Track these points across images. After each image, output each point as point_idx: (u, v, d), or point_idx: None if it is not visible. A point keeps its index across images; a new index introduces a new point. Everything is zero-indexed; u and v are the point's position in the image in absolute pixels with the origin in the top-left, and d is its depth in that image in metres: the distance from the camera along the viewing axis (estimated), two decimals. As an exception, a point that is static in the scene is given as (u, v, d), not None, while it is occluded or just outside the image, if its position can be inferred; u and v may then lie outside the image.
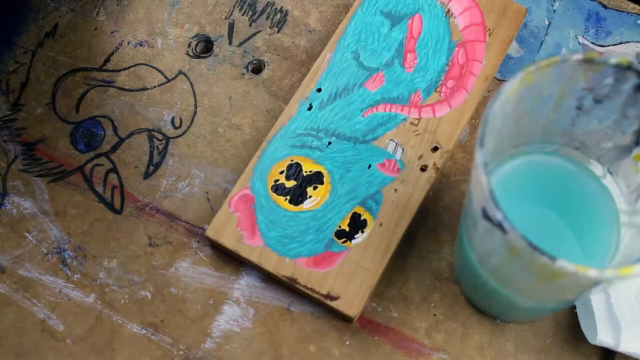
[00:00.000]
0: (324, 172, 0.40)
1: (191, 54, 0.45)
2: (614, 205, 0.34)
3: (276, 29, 0.46)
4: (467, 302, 0.39)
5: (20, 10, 0.46)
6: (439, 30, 0.43)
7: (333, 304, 0.38)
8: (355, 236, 0.39)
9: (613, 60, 0.29)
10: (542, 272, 0.27)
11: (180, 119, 0.44)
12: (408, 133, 0.41)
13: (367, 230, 0.39)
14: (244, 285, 0.40)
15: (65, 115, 0.44)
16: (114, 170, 0.43)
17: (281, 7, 0.46)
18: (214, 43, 0.46)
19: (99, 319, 0.40)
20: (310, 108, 0.42)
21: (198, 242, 0.41)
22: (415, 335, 0.39)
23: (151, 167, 0.43)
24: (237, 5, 0.46)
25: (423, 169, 0.40)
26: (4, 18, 0.46)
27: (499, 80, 0.44)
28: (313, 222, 0.39)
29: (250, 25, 0.46)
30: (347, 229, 0.39)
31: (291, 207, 0.40)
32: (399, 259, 0.40)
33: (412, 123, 0.41)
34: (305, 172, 0.40)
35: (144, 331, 0.39)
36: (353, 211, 0.39)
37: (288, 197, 0.40)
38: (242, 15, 0.46)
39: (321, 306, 0.39)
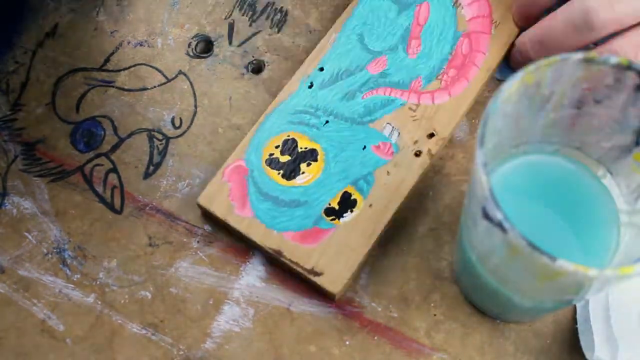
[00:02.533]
0: (319, 149, 0.41)
1: (191, 54, 0.45)
2: (614, 205, 0.34)
3: (276, 29, 0.46)
4: (467, 302, 0.39)
5: (20, 10, 0.46)
6: (446, 20, 0.43)
7: (316, 279, 0.38)
8: (344, 215, 0.39)
9: (613, 60, 0.29)
10: (542, 271, 0.27)
11: (180, 119, 0.44)
12: (405, 118, 0.41)
13: (356, 210, 0.39)
14: (244, 285, 0.40)
15: (65, 115, 0.44)
16: (114, 170, 0.43)
17: (281, 7, 0.46)
18: (214, 43, 0.46)
19: (99, 319, 0.40)
20: (311, 86, 0.42)
21: (198, 242, 0.41)
22: (415, 335, 0.39)
23: (151, 167, 0.43)
24: (237, 5, 0.46)
25: (417, 154, 0.41)
26: (4, 18, 0.46)
27: (499, 80, 0.44)
28: (303, 198, 0.40)
29: (250, 25, 0.46)
30: (337, 207, 0.39)
31: (283, 182, 0.40)
32: (399, 259, 0.40)
33: (410, 108, 0.42)
34: (301, 148, 0.41)
35: (144, 331, 0.39)
36: (344, 190, 0.40)
37: (281, 172, 0.40)
38: (242, 15, 0.46)
39: (305, 282, 0.39)
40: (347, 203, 0.40)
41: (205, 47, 0.46)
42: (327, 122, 0.41)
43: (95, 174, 0.43)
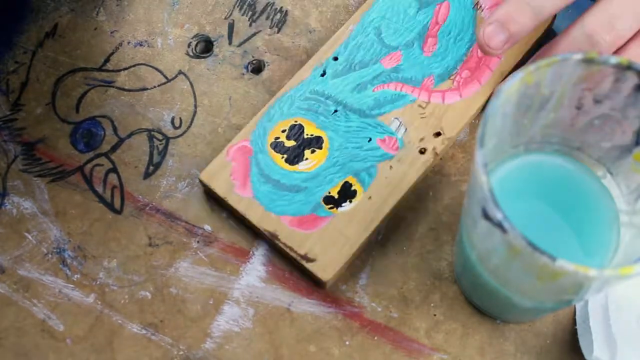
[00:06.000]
0: (325, 137, 0.41)
1: (191, 54, 0.45)
2: (614, 205, 0.34)
3: (276, 29, 0.46)
4: (467, 302, 0.39)
5: (20, 10, 0.46)
6: (465, 21, 0.44)
7: (308, 265, 0.38)
8: (343, 204, 0.40)
9: (613, 60, 0.29)
10: (542, 271, 0.27)
11: (180, 119, 0.44)
12: (414, 114, 0.42)
13: (355, 201, 0.40)
14: (244, 285, 0.40)
15: (65, 115, 0.44)
16: (114, 170, 0.43)
17: (281, 7, 0.46)
18: (214, 43, 0.46)
19: (99, 319, 0.40)
20: (323, 74, 0.43)
21: (198, 242, 0.41)
22: (415, 335, 0.39)
23: (151, 167, 0.43)
24: (237, 5, 0.46)
25: (422, 151, 0.41)
26: (3, 18, 0.46)
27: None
28: (304, 184, 0.40)
29: (250, 25, 0.46)
30: (336, 196, 0.40)
31: (286, 166, 0.41)
32: (399, 259, 0.40)
33: (420, 105, 0.42)
34: (307, 134, 0.41)
35: (144, 331, 0.39)
36: (345, 180, 0.40)
37: (285, 156, 0.41)
38: (242, 15, 0.46)
39: (298, 269, 0.40)
40: (346, 193, 0.40)
41: (205, 47, 0.46)
42: (335, 111, 0.42)
43: (95, 174, 0.43)
